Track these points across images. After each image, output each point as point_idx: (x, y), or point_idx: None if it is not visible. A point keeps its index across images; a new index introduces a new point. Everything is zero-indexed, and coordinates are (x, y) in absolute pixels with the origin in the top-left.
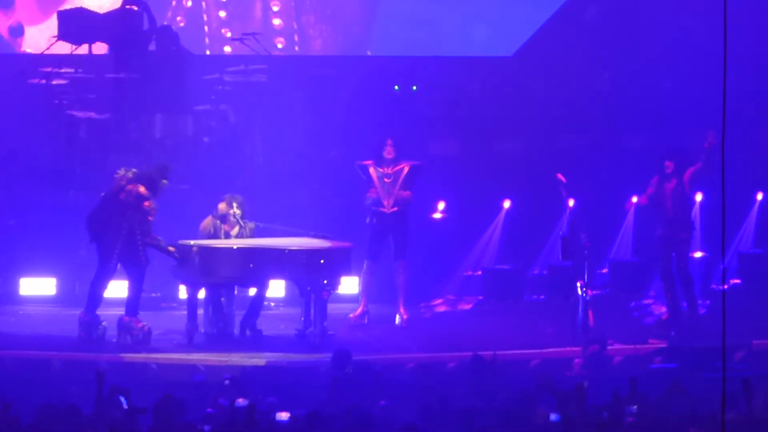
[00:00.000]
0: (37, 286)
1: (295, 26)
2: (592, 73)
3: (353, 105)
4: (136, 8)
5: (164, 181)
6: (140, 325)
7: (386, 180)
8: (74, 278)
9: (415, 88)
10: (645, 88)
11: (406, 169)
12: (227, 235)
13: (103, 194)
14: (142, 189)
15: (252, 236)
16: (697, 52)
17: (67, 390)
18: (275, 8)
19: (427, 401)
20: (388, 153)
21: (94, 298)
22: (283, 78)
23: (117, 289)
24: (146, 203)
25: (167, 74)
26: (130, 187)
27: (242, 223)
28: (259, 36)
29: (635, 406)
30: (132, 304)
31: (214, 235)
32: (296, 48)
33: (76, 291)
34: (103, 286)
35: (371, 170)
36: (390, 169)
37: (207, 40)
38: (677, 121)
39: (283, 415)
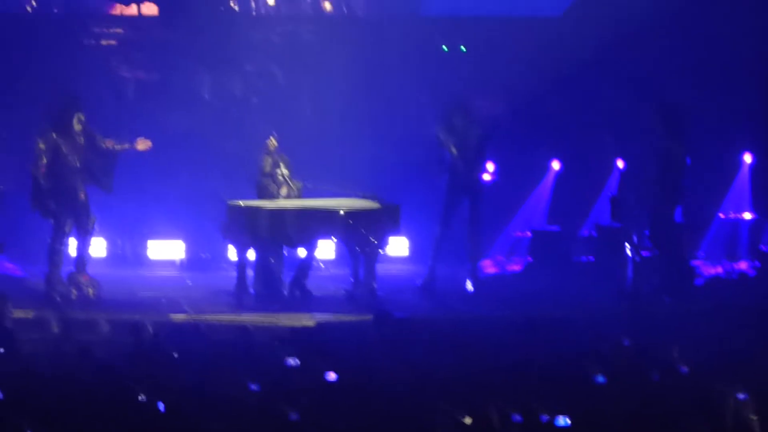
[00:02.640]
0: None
1: None
2: (640, 31)
3: (401, 65)
4: None
5: (78, 115)
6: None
7: (458, 148)
8: (120, 237)
9: (463, 48)
10: (692, 44)
11: (477, 140)
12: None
13: None
14: (51, 133)
15: (300, 196)
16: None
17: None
18: None
19: (473, 361)
20: (458, 122)
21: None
22: (330, 38)
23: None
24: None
25: (215, 34)
26: None
27: (290, 183)
28: None
29: (686, 367)
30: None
31: (271, 175)
32: (344, 9)
33: (119, 251)
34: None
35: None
36: (462, 137)
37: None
38: (731, 80)
39: (332, 375)
